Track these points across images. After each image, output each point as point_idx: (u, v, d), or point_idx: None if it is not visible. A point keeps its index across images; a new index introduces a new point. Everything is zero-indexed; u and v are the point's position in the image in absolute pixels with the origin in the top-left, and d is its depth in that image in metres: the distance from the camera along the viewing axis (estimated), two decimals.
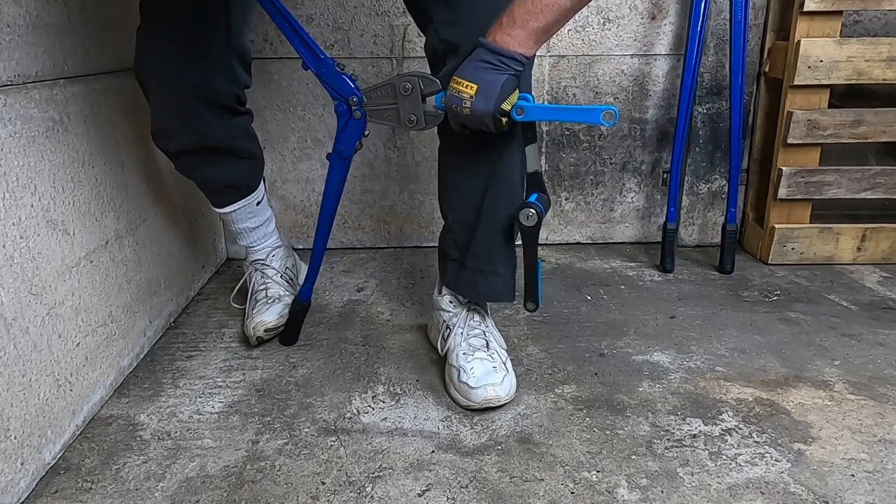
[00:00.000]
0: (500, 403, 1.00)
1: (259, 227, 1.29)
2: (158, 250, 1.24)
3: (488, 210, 1.03)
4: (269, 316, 1.21)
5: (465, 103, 0.89)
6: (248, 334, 1.21)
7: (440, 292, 1.15)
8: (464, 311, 1.11)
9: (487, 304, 1.16)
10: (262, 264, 1.30)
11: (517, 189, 1.04)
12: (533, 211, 0.95)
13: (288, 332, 1.22)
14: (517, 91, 0.93)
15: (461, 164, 1.04)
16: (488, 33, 0.89)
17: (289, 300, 1.25)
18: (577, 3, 0.85)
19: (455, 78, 0.90)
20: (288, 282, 1.31)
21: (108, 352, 1.05)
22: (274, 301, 1.25)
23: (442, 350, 1.11)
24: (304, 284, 1.18)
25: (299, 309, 1.20)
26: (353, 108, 1.01)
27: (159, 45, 1.04)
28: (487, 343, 1.08)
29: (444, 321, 1.12)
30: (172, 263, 1.31)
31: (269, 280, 1.28)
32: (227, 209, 1.24)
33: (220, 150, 1.15)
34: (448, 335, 1.10)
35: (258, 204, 1.27)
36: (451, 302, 1.12)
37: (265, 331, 1.20)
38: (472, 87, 0.88)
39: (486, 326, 1.11)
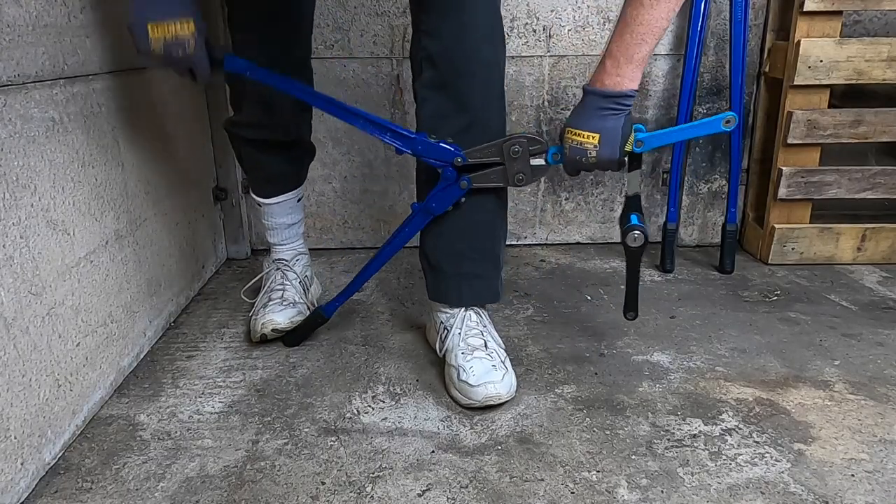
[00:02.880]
0: (500, 401, 1.00)
1: (292, 226, 1.32)
2: (158, 250, 1.24)
3: (469, 214, 1.05)
4: (280, 317, 1.21)
5: (589, 153, 0.91)
6: (253, 329, 1.21)
7: None
8: (460, 312, 1.11)
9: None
10: (286, 265, 1.31)
11: (500, 192, 1.07)
12: (639, 232, 0.99)
13: (295, 335, 1.22)
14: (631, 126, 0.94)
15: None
16: (592, 80, 0.90)
17: (302, 308, 1.26)
18: (671, 17, 0.86)
19: (571, 129, 0.92)
20: (304, 289, 1.32)
21: (108, 352, 1.05)
22: (289, 305, 1.24)
23: (440, 351, 1.11)
24: (333, 300, 1.18)
25: (319, 321, 1.21)
26: (458, 169, 1.01)
27: (251, 54, 1.06)
28: (486, 343, 1.08)
29: (441, 322, 1.12)
30: (172, 263, 1.31)
31: (287, 283, 1.29)
32: (271, 200, 1.27)
33: (289, 143, 1.23)
34: (446, 336, 1.10)
35: (298, 201, 1.31)
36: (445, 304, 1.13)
37: (272, 330, 1.20)
38: (593, 137, 0.90)
39: (484, 326, 1.11)
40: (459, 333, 1.08)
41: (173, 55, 0.89)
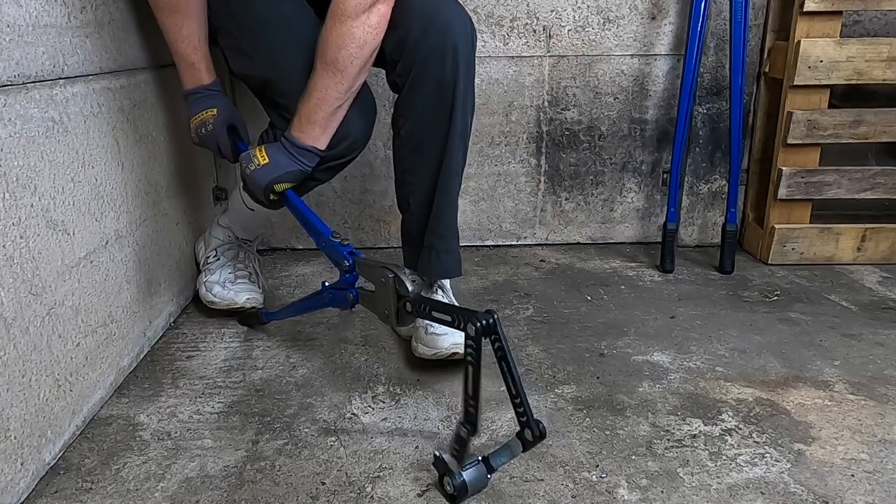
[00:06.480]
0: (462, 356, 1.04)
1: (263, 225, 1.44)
2: (158, 250, 1.24)
3: (442, 188, 1.11)
4: (254, 295, 1.31)
5: (251, 165, 1.07)
6: (233, 300, 1.29)
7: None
8: (426, 285, 1.20)
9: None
10: (250, 246, 1.41)
11: (461, 164, 1.13)
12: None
13: (244, 318, 1.30)
14: (296, 183, 1.09)
15: (416, 148, 1.12)
16: (289, 129, 1.05)
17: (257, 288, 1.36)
18: (340, 91, 1.00)
19: (260, 147, 1.08)
20: (260, 267, 1.45)
21: (108, 352, 1.05)
22: (256, 285, 1.36)
23: None
24: (278, 312, 1.22)
25: (255, 321, 1.27)
26: (347, 276, 1.05)
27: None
28: None
29: None
30: (172, 263, 1.31)
31: (254, 264, 1.40)
32: (266, 209, 1.32)
33: None
34: None
35: None
36: (414, 282, 1.15)
37: (250, 305, 1.30)
38: (264, 159, 1.06)
39: (450, 300, 1.19)
40: None
41: (200, 133, 1.14)
